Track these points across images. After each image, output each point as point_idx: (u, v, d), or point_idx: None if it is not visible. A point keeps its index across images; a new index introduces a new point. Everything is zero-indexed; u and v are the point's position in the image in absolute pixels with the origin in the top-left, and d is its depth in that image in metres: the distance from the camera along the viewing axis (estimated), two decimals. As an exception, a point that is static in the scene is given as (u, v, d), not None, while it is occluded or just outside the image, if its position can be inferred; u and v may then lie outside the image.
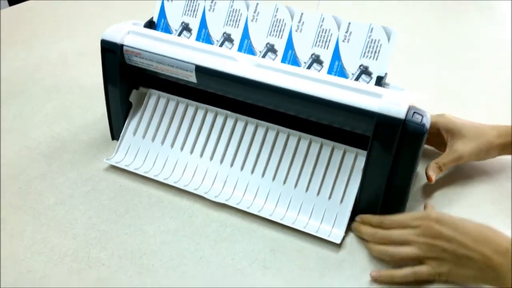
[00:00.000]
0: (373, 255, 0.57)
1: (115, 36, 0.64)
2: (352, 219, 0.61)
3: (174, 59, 0.62)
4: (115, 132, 0.72)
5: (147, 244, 0.59)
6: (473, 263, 0.51)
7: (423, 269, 0.54)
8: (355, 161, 0.62)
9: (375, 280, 0.55)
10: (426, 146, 0.70)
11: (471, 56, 1.01)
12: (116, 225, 0.61)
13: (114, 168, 0.69)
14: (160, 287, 0.54)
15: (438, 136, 0.67)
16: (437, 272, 0.53)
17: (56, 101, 0.82)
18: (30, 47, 0.97)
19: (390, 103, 0.54)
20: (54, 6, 1.13)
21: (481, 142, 0.66)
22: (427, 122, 0.55)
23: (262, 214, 0.62)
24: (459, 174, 0.69)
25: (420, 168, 0.67)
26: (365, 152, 0.60)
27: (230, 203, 0.63)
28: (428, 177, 0.64)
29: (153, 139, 0.69)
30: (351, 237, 0.60)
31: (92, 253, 0.58)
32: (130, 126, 0.70)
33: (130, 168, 0.67)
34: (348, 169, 0.62)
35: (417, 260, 0.54)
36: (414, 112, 0.55)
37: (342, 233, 0.60)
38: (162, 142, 0.69)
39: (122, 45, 0.64)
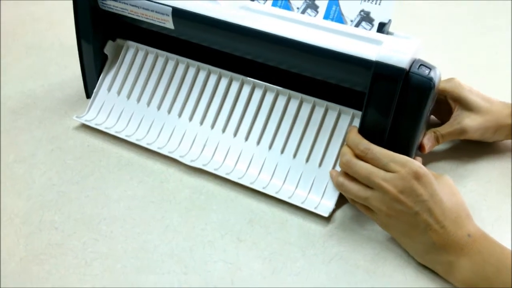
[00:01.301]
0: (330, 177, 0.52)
1: (87, -25, 0.57)
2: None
3: (149, 0, 0.54)
4: (90, 89, 0.65)
5: (109, 209, 0.52)
6: (429, 236, 0.44)
7: (373, 217, 0.48)
8: (351, 124, 0.53)
9: (331, 175, 0.52)
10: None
11: (492, 25, 0.91)
12: (78, 187, 0.54)
13: (85, 127, 0.62)
14: (116, 255, 0.47)
15: (443, 103, 0.58)
16: (382, 226, 0.48)
17: (35, 58, 0.75)
18: (16, 4, 0.91)
19: (391, 50, 0.45)
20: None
21: (490, 119, 0.56)
22: (435, 76, 0.46)
23: (243, 181, 0.54)
24: (456, 151, 0.60)
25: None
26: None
27: (208, 168, 0.55)
28: (421, 146, 0.54)
29: (128, 97, 0.62)
30: (343, 210, 0.52)
31: (45, 216, 0.51)
32: (105, 81, 0.63)
33: (101, 127, 0.60)
34: (342, 132, 0.53)
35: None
36: (420, 64, 0.46)
37: (332, 205, 0.51)
38: (138, 100, 0.61)
39: (94, -14, 0.57)
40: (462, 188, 0.55)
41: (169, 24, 0.55)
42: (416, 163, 0.45)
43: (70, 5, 0.90)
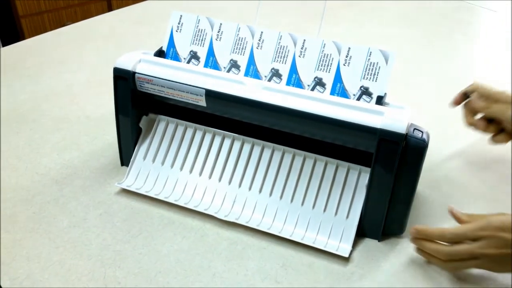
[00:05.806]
0: (447, 271, 0.59)
1: (128, 64, 0.67)
2: (358, 233, 0.63)
3: (185, 84, 0.65)
4: (125, 158, 0.75)
5: (162, 263, 0.61)
6: None
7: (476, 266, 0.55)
8: (358, 178, 0.64)
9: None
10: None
11: (455, 76, 1.06)
12: (130, 245, 0.63)
13: (125, 192, 0.71)
14: (176, 302, 0.56)
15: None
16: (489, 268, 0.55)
17: (65, 131, 0.84)
18: (36, 79, 1.00)
19: (392, 119, 0.57)
20: (57, 41, 1.17)
21: None
22: (427, 137, 0.58)
23: (272, 231, 0.64)
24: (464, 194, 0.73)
25: (422, 187, 0.70)
26: (367, 169, 0.63)
27: (240, 221, 0.65)
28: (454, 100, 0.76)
29: (162, 163, 0.71)
30: (358, 251, 0.63)
31: (108, 272, 0.59)
32: (140, 151, 0.73)
33: (141, 191, 0.69)
34: (352, 185, 0.64)
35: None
36: (414, 129, 0.59)
37: (349, 247, 0.62)
38: (172, 166, 0.71)
39: (134, 73, 0.67)
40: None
41: (202, 102, 0.66)
42: (491, 219, 0.53)
43: (86, 79, 1.00)
